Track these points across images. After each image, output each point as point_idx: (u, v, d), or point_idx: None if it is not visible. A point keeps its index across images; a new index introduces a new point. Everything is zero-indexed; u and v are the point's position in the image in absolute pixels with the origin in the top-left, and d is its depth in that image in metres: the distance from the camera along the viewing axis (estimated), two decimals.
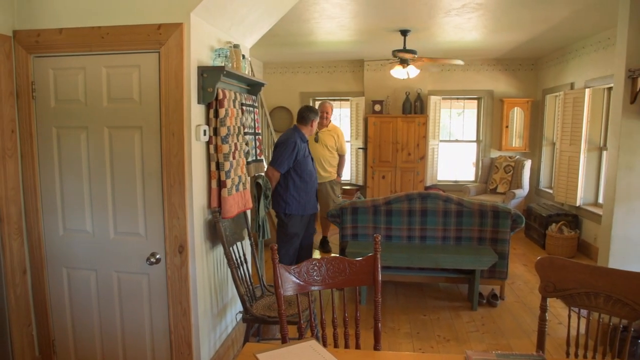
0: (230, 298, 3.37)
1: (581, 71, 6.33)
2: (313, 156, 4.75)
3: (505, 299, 4.52)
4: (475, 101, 8.42)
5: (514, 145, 8.05)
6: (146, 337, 2.78)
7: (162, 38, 2.47)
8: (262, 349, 1.74)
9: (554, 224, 6.11)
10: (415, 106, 7.89)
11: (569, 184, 6.32)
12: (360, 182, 8.30)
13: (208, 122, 2.79)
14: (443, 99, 8.24)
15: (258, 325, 3.19)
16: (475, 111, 8.47)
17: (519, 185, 7.22)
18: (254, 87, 3.48)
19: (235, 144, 2.96)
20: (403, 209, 4.49)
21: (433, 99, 7.98)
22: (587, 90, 5.99)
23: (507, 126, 7.98)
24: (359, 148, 8.23)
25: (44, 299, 2.84)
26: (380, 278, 2.08)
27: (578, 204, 6.16)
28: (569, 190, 6.30)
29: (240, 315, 3.30)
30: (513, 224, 4.37)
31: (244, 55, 3.11)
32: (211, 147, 2.79)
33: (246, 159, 3.21)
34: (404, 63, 6.10)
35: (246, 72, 3.17)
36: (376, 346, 2.07)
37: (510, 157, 7.59)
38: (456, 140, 8.71)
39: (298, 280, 2.01)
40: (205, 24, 2.72)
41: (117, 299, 2.77)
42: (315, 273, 2.04)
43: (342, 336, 2.11)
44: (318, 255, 5.98)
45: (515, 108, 7.95)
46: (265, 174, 4.25)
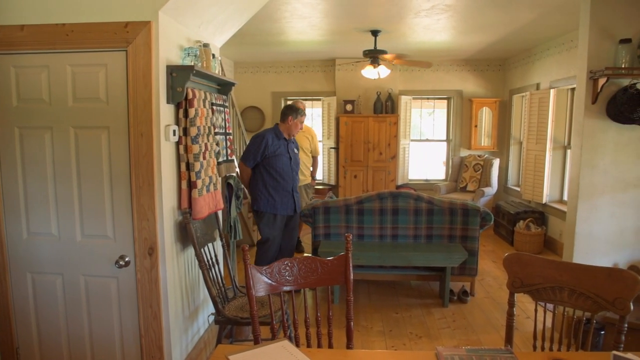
0: (202, 300, 3.33)
1: (546, 72, 6.51)
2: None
3: (475, 295, 4.60)
4: (445, 101, 8.55)
5: (482, 145, 8.22)
6: (116, 342, 2.72)
7: (130, 36, 2.42)
8: (234, 351, 1.73)
9: (521, 221, 6.26)
10: (386, 106, 7.96)
11: (535, 182, 6.49)
12: (332, 182, 8.32)
13: (178, 122, 2.75)
14: (414, 98, 8.34)
15: (231, 327, 3.16)
16: (445, 111, 8.61)
17: (488, 184, 7.37)
18: (224, 87, 3.45)
19: (206, 144, 2.92)
20: (375, 208, 4.52)
21: (404, 99, 8.07)
22: (552, 91, 6.16)
23: (476, 125, 8.13)
24: (331, 148, 8.25)
25: (7, 305, 2.74)
26: (352, 277, 2.09)
27: (544, 202, 6.33)
28: (536, 188, 6.47)
29: (212, 317, 3.27)
30: (482, 222, 4.46)
31: (214, 55, 3.08)
32: (181, 148, 2.76)
33: (217, 159, 3.18)
34: (374, 63, 6.15)
35: (216, 72, 3.14)
36: (349, 345, 2.08)
37: (479, 156, 7.74)
38: (427, 140, 8.83)
39: (270, 281, 2.00)
40: (174, 23, 2.68)
41: (85, 303, 2.70)
42: (287, 273, 2.04)
43: (315, 336, 2.11)
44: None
45: (484, 108, 8.11)
46: (239, 168, 4.34)
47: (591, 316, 1.99)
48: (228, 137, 3.44)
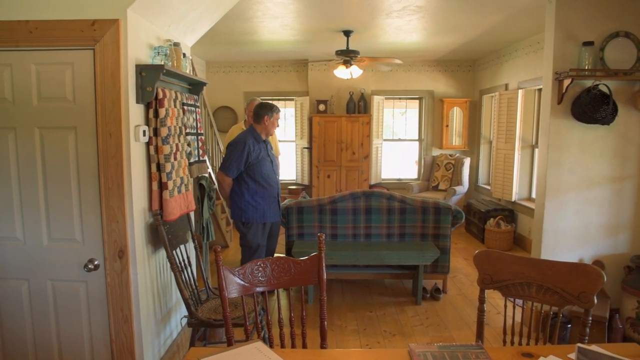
0: (175, 302, 3.29)
1: (514, 73, 6.66)
2: None
3: (447, 293, 4.67)
4: (417, 101, 8.66)
5: (454, 144, 8.35)
6: (85, 348, 2.66)
7: (97, 34, 2.37)
8: (207, 353, 1.71)
9: (492, 219, 6.39)
10: (359, 106, 8.01)
11: (505, 181, 6.63)
12: (305, 182, 8.32)
13: (148, 123, 2.70)
14: (386, 98, 8.42)
15: (204, 329, 3.13)
16: (417, 111, 8.71)
17: (459, 183, 7.50)
18: (195, 87, 3.41)
19: (177, 144, 2.88)
20: (348, 208, 4.54)
21: (376, 99, 8.14)
22: (520, 91, 6.31)
23: (447, 125, 8.26)
24: (304, 148, 8.25)
25: None
26: (325, 277, 2.10)
27: (513, 200, 6.48)
28: (505, 187, 6.62)
29: (185, 320, 3.23)
30: (454, 220, 4.53)
31: (184, 54, 3.05)
32: (151, 148, 2.71)
33: (188, 160, 3.14)
34: (347, 63, 6.17)
35: (187, 71, 3.10)
36: (323, 344, 2.09)
37: (450, 155, 7.86)
38: (399, 139, 8.92)
39: (243, 282, 1.99)
40: (144, 21, 2.63)
41: (53, 309, 2.63)
42: (260, 274, 2.03)
43: (289, 336, 2.11)
44: None
45: (455, 108, 8.25)
46: (216, 179, 3.99)
47: (558, 310, 2.04)
48: (200, 138, 3.40)
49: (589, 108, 3.41)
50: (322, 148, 7.92)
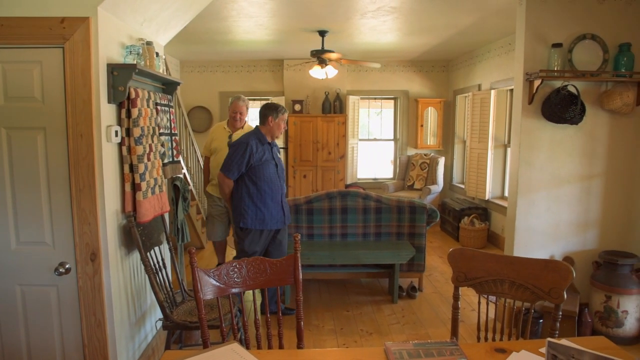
0: (150, 305, 3.24)
1: (487, 73, 6.77)
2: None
3: (423, 291, 4.72)
4: (392, 101, 8.73)
5: (428, 144, 8.45)
6: (57, 354, 2.59)
7: (67, 32, 2.32)
8: (182, 356, 1.69)
9: (466, 217, 6.48)
10: (334, 106, 8.03)
11: (478, 179, 6.74)
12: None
13: (120, 123, 2.65)
14: (361, 98, 8.46)
15: (180, 332, 3.09)
16: (392, 110, 8.79)
17: (434, 182, 7.59)
18: (169, 86, 3.37)
19: (150, 145, 2.84)
20: (324, 208, 4.55)
21: (352, 99, 8.17)
22: (493, 92, 6.42)
23: (422, 125, 8.35)
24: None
25: None
26: (301, 277, 2.10)
27: (487, 198, 6.59)
28: (479, 185, 6.73)
29: (160, 323, 3.19)
30: (429, 219, 4.58)
31: (157, 53, 3.00)
32: (124, 149, 2.66)
33: (162, 161, 3.10)
34: (322, 63, 6.19)
35: (160, 71, 3.06)
36: (299, 344, 2.09)
37: (425, 155, 7.95)
38: (375, 139, 8.98)
39: (218, 283, 1.97)
40: (115, 19, 2.58)
41: (22, 315, 2.55)
42: (235, 275, 2.02)
43: (265, 337, 2.10)
44: None
45: (429, 108, 8.34)
46: (217, 180, 3.82)
47: (530, 306, 2.09)
48: (174, 138, 3.36)
49: (558, 108, 3.49)
50: (298, 148, 7.91)
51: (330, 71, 6.31)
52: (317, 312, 4.20)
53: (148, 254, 2.82)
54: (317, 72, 6.35)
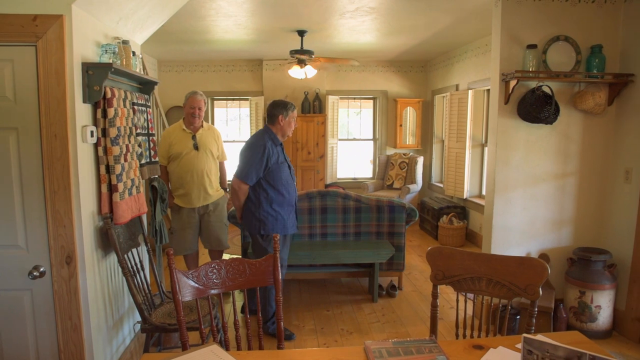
0: (128, 308, 3.19)
1: (464, 74, 6.86)
2: (193, 171, 4.00)
3: (403, 289, 4.76)
4: (371, 101, 8.77)
5: (407, 143, 8.52)
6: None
7: (39, 30, 2.27)
8: (160, 359, 1.67)
9: (444, 216, 6.56)
10: (314, 106, 8.03)
11: (456, 179, 6.82)
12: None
13: (96, 123, 2.61)
14: (340, 98, 8.48)
15: (158, 335, 3.06)
16: (371, 110, 8.83)
17: (413, 181, 7.65)
18: (146, 86, 3.32)
19: (127, 145, 2.80)
20: (303, 208, 4.55)
21: (331, 99, 8.18)
22: (470, 92, 6.51)
23: (401, 125, 8.41)
24: None
25: None
26: (280, 277, 2.09)
27: (465, 197, 6.68)
28: (457, 184, 6.81)
29: (138, 326, 3.14)
30: (408, 218, 4.62)
31: (134, 52, 2.96)
32: (100, 149, 2.62)
33: (139, 161, 3.06)
34: (301, 63, 6.18)
35: (137, 70, 3.02)
36: (279, 345, 2.08)
37: (404, 154, 8.01)
38: (354, 139, 9.01)
39: (197, 285, 1.95)
40: (90, 17, 2.54)
41: None
42: (214, 276, 2.00)
43: (245, 338, 2.09)
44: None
45: (408, 107, 8.41)
46: (231, 188, 3.60)
47: (507, 303, 2.12)
48: (151, 138, 3.32)
49: (534, 108, 3.55)
50: None
51: (309, 71, 6.31)
52: (298, 312, 4.20)
53: (125, 256, 2.78)
54: (296, 72, 6.35)
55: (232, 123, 8.97)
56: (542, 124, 3.67)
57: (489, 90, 6.23)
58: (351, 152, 9.04)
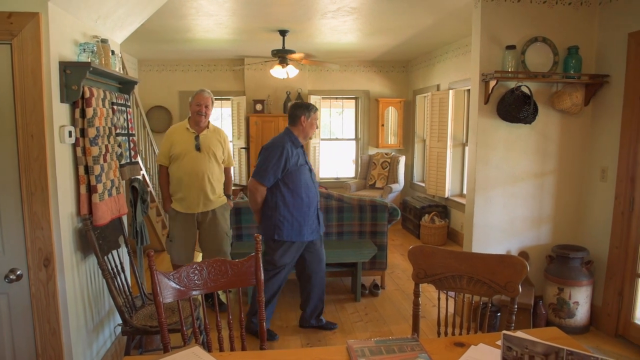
0: (108, 310, 3.15)
1: (445, 74, 6.93)
2: (192, 173, 3.78)
3: (385, 288, 4.79)
4: (353, 101, 8.80)
5: (389, 143, 8.57)
6: None
7: (14, 28, 2.22)
8: None
9: (426, 215, 6.61)
10: None
11: (438, 178, 6.89)
12: (243, 182, 8.23)
13: (74, 123, 2.57)
14: (323, 98, 8.49)
15: (140, 337, 3.02)
16: (353, 110, 8.86)
17: (395, 180, 7.70)
18: (126, 85, 3.28)
19: (106, 145, 2.76)
20: None
21: (313, 99, 8.19)
22: (451, 92, 6.57)
23: (383, 125, 8.46)
24: (242, 148, 8.16)
25: None
26: (262, 277, 2.09)
27: (446, 196, 6.74)
28: (439, 183, 6.87)
29: (119, 328, 3.10)
30: (390, 217, 4.64)
31: (113, 51, 2.92)
32: (78, 150, 2.58)
33: (119, 162, 3.02)
34: (283, 63, 6.17)
35: (117, 69, 2.98)
36: (262, 345, 2.07)
37: (386, 154, 8.05)
38: (336, 139, 9.03)
39: (178, 286, 1.94)
40: (68, 15, 2.50)
41: None
42: (196, 277, 1.99)
43: (228, 339, 2.08)
44: None
45: (390, 107, 8.46)
46: (248, 189, 3.51)
47: (488, 300, 2.15)
48: (131, 139, 3.28)
49: (513, 108, 3.61)
50: (260, 148, 7.84)
51: (291, 71, 6.30)
52: (281, 312, 4.19)
53: (105, 257, 2.74)
54: (278, 72, 6.34)
55: (214, 123, 8.88)
56: (521, 124, 3.72)
57: (469, 90, 6.28)
58: (333, 152, 9.05)
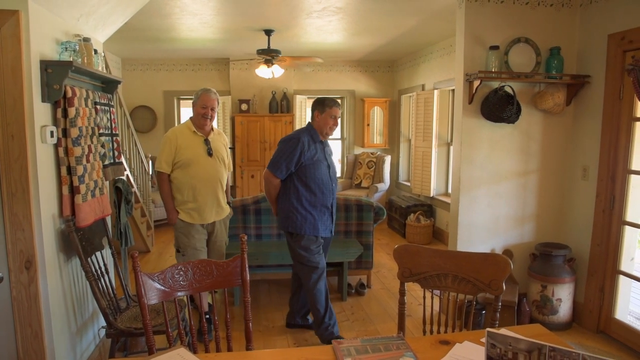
0: (92, 313, 3.11)
1: (430, 74, 6.97)
2: (207, 180, 3.44)
3: (371, 287, 4.80)
4: (339, 100, 8.80)
5: (375, 142, 8.59)
6: None
7: None
8: None
9: (412, 214, 6.65)
10: (281, 105, 8.01)
11: (423, 177, 6.93)
12: (230, 183, 8.19)
13: (56, 123, 2.53)
14: (308, 98, 8.47)
15: (125, 339, 2.99)
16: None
17: (381, 180, 7.73)
18: (109, 85, 3.24)
19: (89, 146, 2.73)
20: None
21: (299, 98, 8.18)
22: (436, 92, 6.61)
23: (369, 124, 8.48)
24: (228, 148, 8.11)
25: None
26: (248, 278, 2.08)
27: (432, 195, 6.79)
28: (424, 183, 6.92)
29: (103, 331, 3.07)
30: (375, 216, 4.66)
31: (96, 50, 2.89)
32: (61, 150, 2.54)
33: (103, 162, 2.98)
34: (268, 62, 6.16)
35: (99, 68, 2.95)
36: (248, 346, 2.07)
37: (372, 154, 8.08)
38: None
39: (163, 287, 1.92)
40: (49, 14, 2.46)
41: None
42: (181, 278, 1.97)
43: (214, 340, 2.07)
44: None
45: (375, 107, 8.49)
46: (263, 179, 3.49)
47: (472, 298, 2.17)
48: (115, 139, 3.24)
49: (496, 107, 3.64)
50: (246, 148, 7.84)
51: (276, 70, 6.29)
52: (267, 313, 4.18)
53: (89, 259, 2.71)
54: (264, 72, 6.32)
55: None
56: (505, 123, 3.76)
57: (454, 90, 6.34)
58: None
